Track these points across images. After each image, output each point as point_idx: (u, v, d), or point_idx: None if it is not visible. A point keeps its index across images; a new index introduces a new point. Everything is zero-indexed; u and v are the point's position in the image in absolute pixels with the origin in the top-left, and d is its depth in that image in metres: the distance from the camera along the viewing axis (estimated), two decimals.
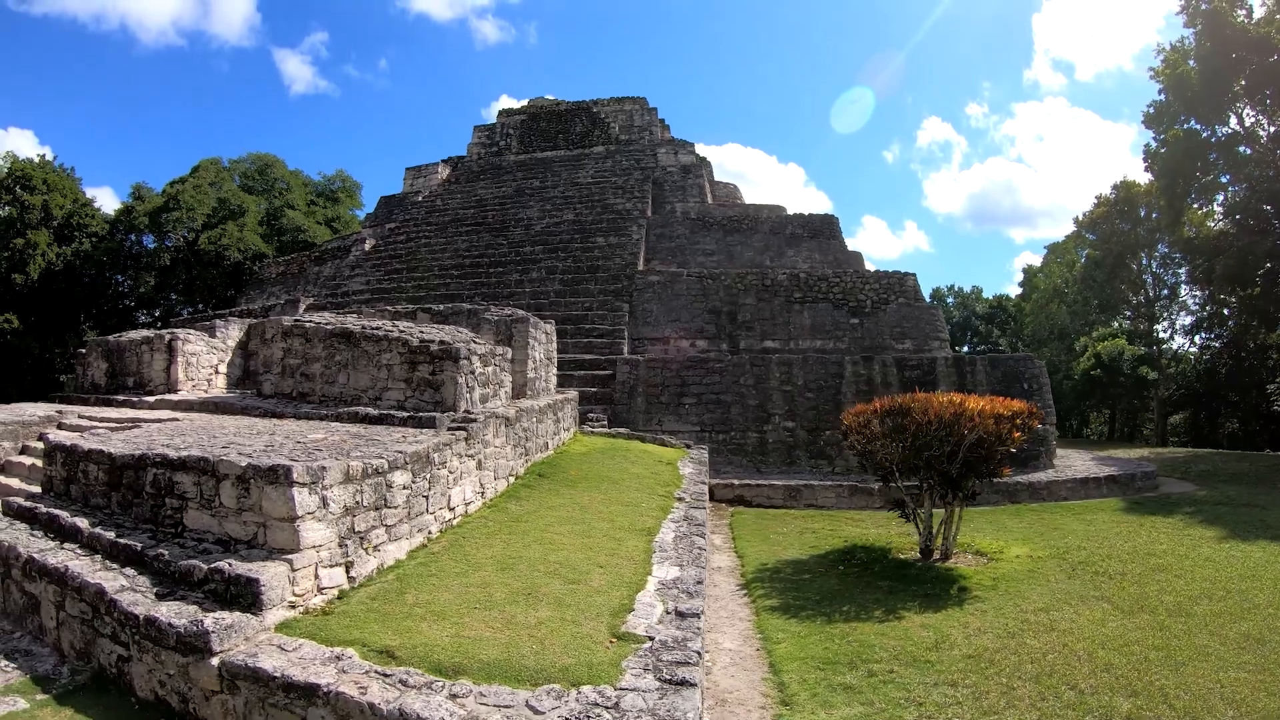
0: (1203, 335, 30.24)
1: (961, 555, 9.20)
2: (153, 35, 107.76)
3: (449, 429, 7.57)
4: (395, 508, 5.91)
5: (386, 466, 5.80)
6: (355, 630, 4.44)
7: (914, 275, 19.88)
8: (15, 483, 8.25)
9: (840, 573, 8.70)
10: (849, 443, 9.84)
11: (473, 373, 8.70)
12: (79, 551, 5.54)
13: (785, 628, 6.65)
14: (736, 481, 13.66)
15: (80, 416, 10.17)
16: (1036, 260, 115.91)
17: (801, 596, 7.61)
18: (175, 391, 12.64)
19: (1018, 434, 8.84)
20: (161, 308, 38.46)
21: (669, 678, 3.93)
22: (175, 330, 13.47)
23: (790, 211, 25.09)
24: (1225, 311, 28.66)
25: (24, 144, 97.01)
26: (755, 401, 15.48)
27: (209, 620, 4.19)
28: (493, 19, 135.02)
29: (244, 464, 4.98)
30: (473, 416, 7.94)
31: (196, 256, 35.09)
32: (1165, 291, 32.88)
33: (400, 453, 6.08)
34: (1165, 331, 33.44)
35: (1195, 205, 25.26)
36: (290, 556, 4.72)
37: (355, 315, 12.05)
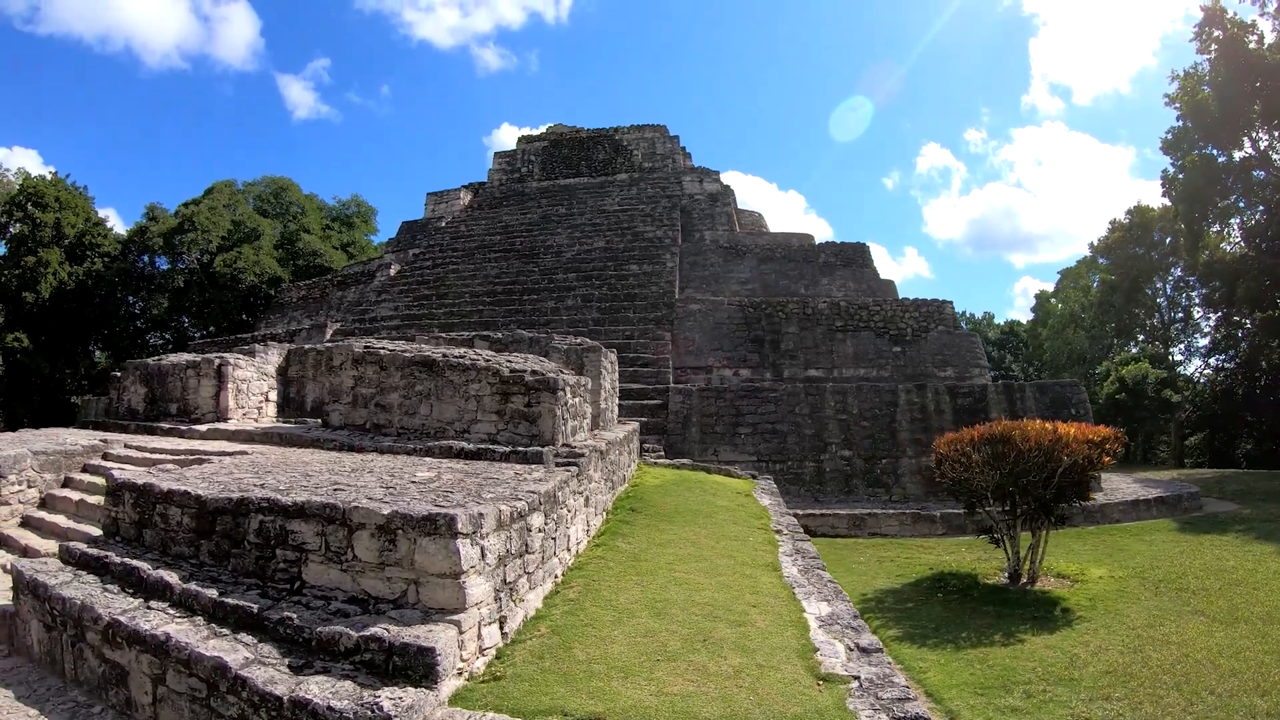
0: (1218, 358, 30.45)
1: (1045, 578, 9.51)
2: (157, 57, 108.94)
3: (557, 465, 7.22)
4: (533, 553, 5.53)
5: (526, 509, 5.43)
6: (542, 696, 4.03)
7: (951, 303, 19.85)
8: (62, 520, 7.72)
9: (941, 600, 8.95)
10: (941, 471, 10.09)
11: (566, 405, 8.38)
12: (172, 612, 4.73)
13: (921, 656, 6.85)
14: (800, 511, 13.31)
15: (127, 446, 9.57)
16: (1037, 285, 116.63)
17: (917, 625, 7.80)
18: (225, 420, 12.13)
19: (1107, 459, 9.35)
20: (172, 330, 37.91)
21: (902, 715, 3.94)
22: (224, 354, 13.02)
23: (818, 240, 25.13)
24: (1239, 334, 28.96)
25: (29, 163, 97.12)
26: (811, 431, 15.20)
27: (386, 702, 3.54)
28: (494, 47, 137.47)
29: (387, 511, 4.43)
30: (579, 451, 7.60)
31: (211, 279, 34.70)
32: (1179, 315, 33.26)
33: (534, 493, 5.71)
34: (1180, 354, 33.84)
35: (1213, 229, 25.59)
36: (457, 617, 4.19)
37: (427, 343, 11.71)
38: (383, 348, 9.51)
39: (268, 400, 13.08)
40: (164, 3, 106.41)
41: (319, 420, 13.71)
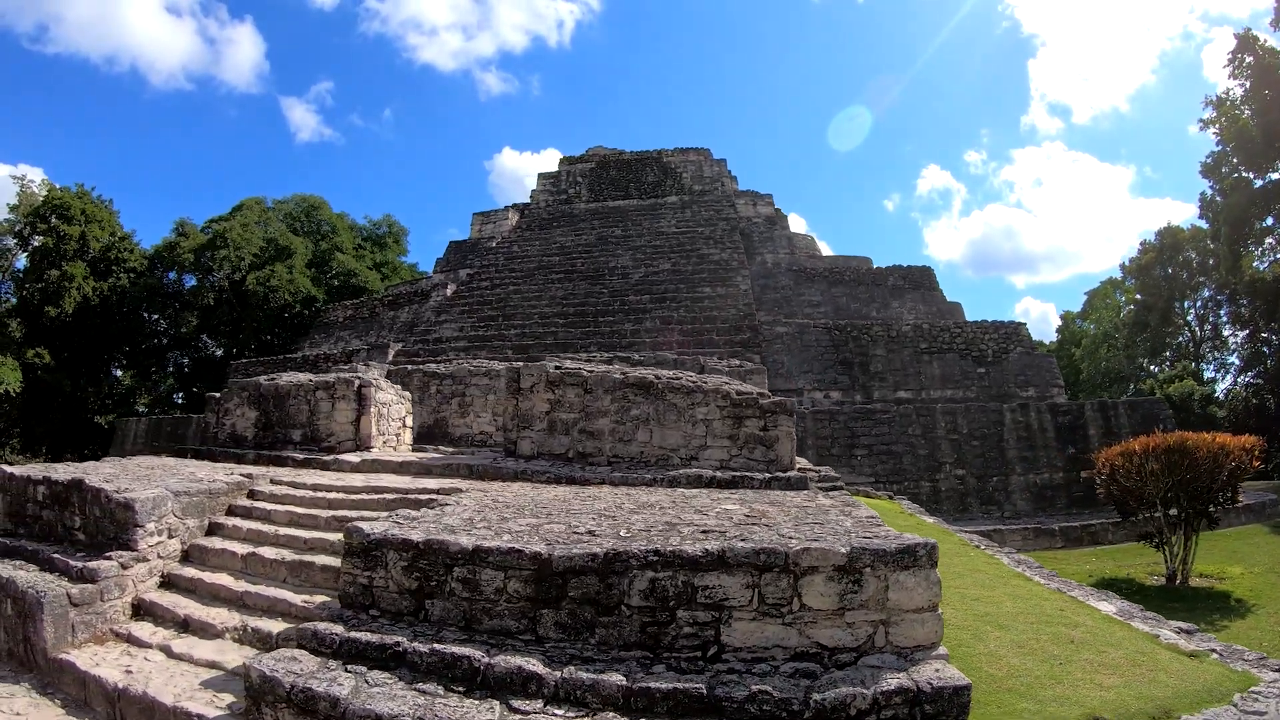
0: (1247, 375, 31.68)
1: (1192, 578, 10.39)
2: (163, 78, 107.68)
3: (820, 489, 7.27)
4: None
5: None
6: (1044, 703, 4.21)
7: (1025, 325, 20.46)
8: (226, 580, 6.26)
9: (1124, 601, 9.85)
10: (1112, 480, 10.82)
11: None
12: (560, 713, 3.67)
13: None
14: None
15: (275, 482, 8.26)
16: (1038, 305, 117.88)
17: None
18: (367, 448, 11.13)
19: (1256, 463, 10.50)
20: (192, 349, 36.95)
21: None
22: (359, 374, 12.60)
23: (876, 264, 25.65)
24: (1266, 350, 30.29)
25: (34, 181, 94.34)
26: (925, 451, 15.44)
27: None
28: (496, 71, 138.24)
29: (845, 550, 4.17)
30: (833, 476, 7.69)
31: (241, 297, 34.00)
32: (1208, 330, 34.76)
33: (873, 518, 5.78)
34: (1211, 372, 35.36)
35: (1254, 250, 26.78)
36: (940, 650, 4.13)
37: (550, 360, 11.63)
38: (583, 369, 9.44)
39: (405, 426, 12.56)
40: (171, 25, 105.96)
41: (435, 447, 13.42)
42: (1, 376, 29.69)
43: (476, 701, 3.74)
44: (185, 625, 5.77)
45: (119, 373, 35.79)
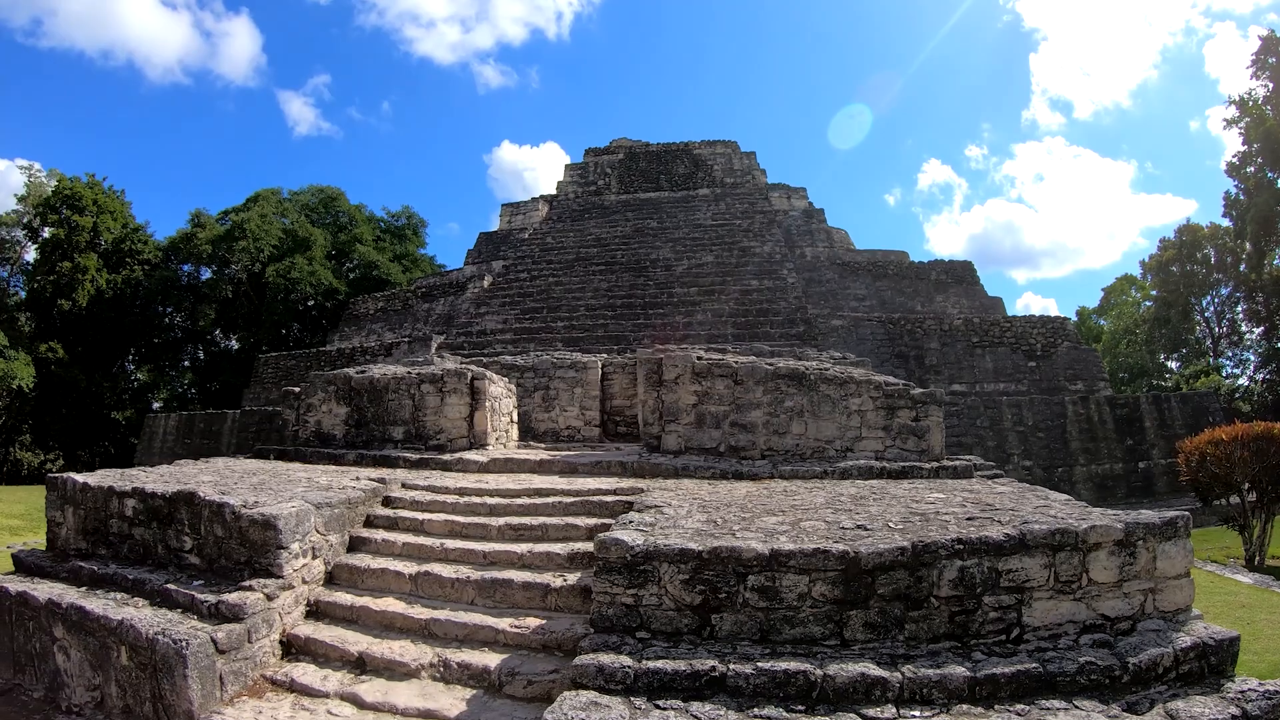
0: (1264, 371, 32.85)
1: (1268, 560, 10.88)
2: (159, 72, 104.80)
3: (986, 478, 7.57)
4: None
5: None
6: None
7: (1070, 319, 21.06)
8: (395, 605, 5.45)
9: None
10: (1201, 468, 11.34)
11: None
12: (918, 714, 3.64)
13: None
14: None
15: (406, 486, 7.74)
16: (1039, 301, 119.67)
17: None
18: (482, 446, 10.44)
19: None
20: (208, 343, 36.20)
21: None
22: (468, 366, 12.24)
23: (913, 259, 26.10)
24: (1279, 346, 31.54)
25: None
26: (993, 443, 15.89)
27: None
28: (494, 64, 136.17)
29: (1120, 525, 4.54)
30: (987, 464, 7.96)
31: (259, 290, 33.38)
32: (1225, 327, 36.00)
33: (1069, 499, 6.08)
34: (1230, 367, 36.63)
35: (1275, 249, 27.79)
36: (1196, 610, 4.58)
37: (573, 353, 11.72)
38: (729, 359, 9.54)
39: (512, 421, 12.27)
40: (166, 18, 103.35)
41: (527, 444, 13.30)
42: (14, 372, 28.87)
43: (826, 719, 3.58)
44: (361, 665, 4.86)
45: (130, 367, 34.96)
